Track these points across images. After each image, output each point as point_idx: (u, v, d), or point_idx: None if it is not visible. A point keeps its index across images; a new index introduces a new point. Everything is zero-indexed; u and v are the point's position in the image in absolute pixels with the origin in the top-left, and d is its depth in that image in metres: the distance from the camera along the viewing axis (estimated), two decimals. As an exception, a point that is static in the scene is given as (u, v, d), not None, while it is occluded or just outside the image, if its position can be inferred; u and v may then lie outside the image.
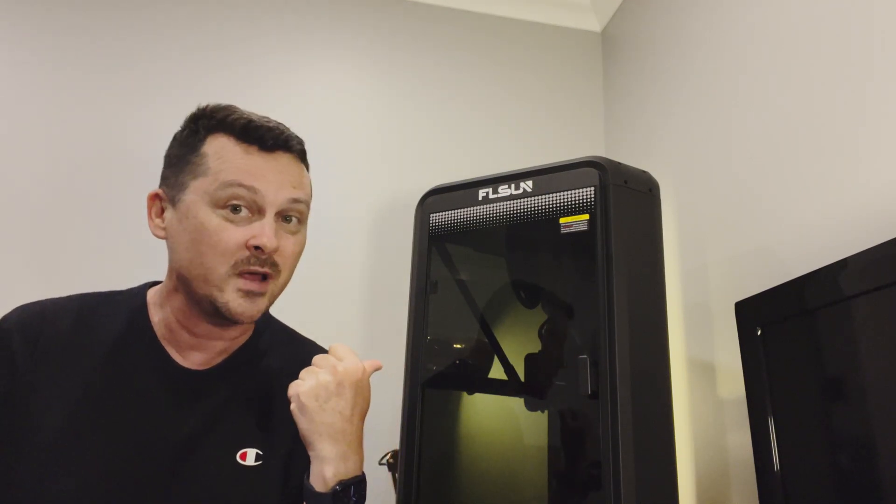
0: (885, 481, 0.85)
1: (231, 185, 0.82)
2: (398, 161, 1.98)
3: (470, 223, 1.31)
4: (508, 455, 1.25)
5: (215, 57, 1.93)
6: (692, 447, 1.52)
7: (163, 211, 0.88)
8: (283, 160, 0.87)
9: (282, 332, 1.01)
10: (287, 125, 0.92)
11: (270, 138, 0.86)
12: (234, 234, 0.82)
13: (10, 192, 1.71)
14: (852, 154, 1.16)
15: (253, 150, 0.85)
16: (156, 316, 0.90)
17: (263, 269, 0.83)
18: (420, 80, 2.07)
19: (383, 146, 1.99)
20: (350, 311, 1.84)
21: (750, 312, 1.11)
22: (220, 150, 0.85)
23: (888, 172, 1.08)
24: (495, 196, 1.29)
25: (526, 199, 1.25)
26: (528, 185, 1.25)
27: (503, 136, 2.08)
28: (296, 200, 0.87)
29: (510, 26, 2.21)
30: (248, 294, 0.83)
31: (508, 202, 1.27)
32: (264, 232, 0.82)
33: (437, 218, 1.35)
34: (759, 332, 1.07)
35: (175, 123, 0.91)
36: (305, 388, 0.82)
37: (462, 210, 1.32)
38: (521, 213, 1.25)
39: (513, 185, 1.27)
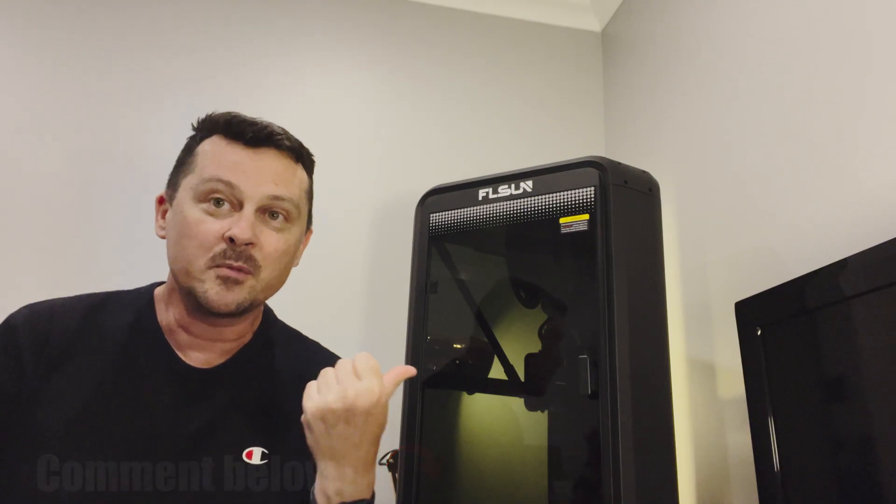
0: (885, 481, 0.85)
1: (211, 179, 0.85)
2: (398, 161, 1.98)
3: (470, 223, 1.31)
4: (508, 455, 1.25)
5: (215, 58, 1.93)
6: (692, 447, 1.52)
7: (165, 212, 0.91)
8: (267, 156, 0.88)
9: (286, 333, 1.01)
10: (287, 126, 0.93)
11: (251, 132, 0.87)
12: (211, 227, 0.83)
13: (19, 192, 1.71)
14: (852, 154, 1.16)
15: (238, 146, 0.87)
16: (161, 314, 0.91)
17: (238, 263, 0.83)
18: (420, 80, 2.07)
19: (383, 146, 1.99)
20: (350, 311, 1.83)
21: (750, 312, 1.11)
22: (209, 148, 0.88)
23: (888, 172, 1.08)
24: (495, 196, 1.28)
25: (526, 199, 1.25)
26: (528, 185, 1.25)
27: (503, 136, 2.08)
28: (277, 197, 0.87)
29: (510, 26, 2.21)
30: (226, 281, 0.83)
31: (508, 202, 1.27)
32: (239, 224, 0.83)
33: (437, 218, 1.35)
34: (759, 332, 1.07)
35: (175, 125, 0.93)
36: (312, 406, 0.77)
37: (462, 210, 1.32)
38: (521, 213, 1.25)
39: (513, 185, 1.27)
